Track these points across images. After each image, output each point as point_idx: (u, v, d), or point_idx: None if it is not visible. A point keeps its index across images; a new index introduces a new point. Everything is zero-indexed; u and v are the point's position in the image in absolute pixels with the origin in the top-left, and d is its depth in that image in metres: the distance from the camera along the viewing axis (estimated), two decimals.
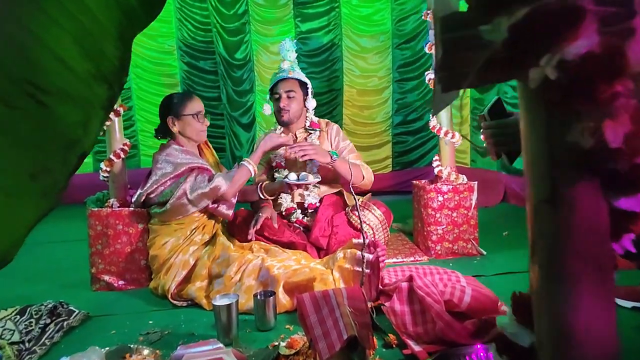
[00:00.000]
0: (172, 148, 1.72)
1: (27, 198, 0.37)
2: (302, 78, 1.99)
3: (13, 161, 0.36)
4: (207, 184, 1.63)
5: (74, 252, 2.38)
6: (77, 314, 1.47)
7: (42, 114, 0.37)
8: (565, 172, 0.28)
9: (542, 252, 0.30)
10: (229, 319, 1.25)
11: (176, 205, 1.62)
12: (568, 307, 0.26)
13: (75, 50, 0.37)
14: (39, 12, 0.34)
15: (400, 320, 1.20)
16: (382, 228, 1.90)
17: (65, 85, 0.37)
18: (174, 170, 1.63)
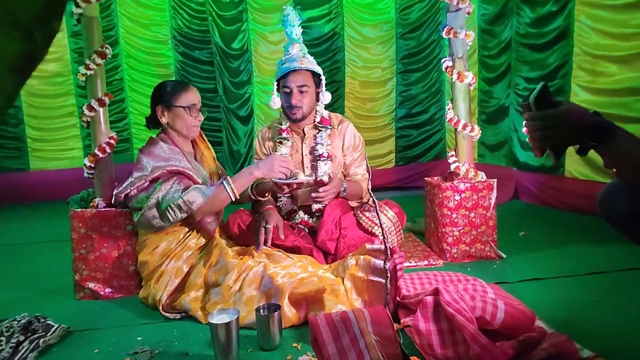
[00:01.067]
0: (158, 146, 1.52)
1: None
2: (315, 68, 1.75)
3: None
4: (180, 195, 1.39)
5: (60, 254, 2.20)
6: (56, 329, 1.30)
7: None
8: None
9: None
10: (228, 339, 1.09)
11: (147, 218, 1.42)
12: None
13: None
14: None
15: (426, 341, 1.05)
16: (396, 230, 1.74)
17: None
18: (151, 173, 1.43)
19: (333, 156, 1.81)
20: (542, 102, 0.88)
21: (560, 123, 0.87)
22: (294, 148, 1.84)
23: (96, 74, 1.64)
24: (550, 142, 0.89)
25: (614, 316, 1.29)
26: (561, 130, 0.87)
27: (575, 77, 2.64)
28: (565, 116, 0.87)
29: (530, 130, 0.90)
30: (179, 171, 1.46)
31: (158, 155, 1.47)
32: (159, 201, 1.40)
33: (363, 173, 1.87)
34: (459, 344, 1.01)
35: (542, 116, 0.88)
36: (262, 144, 1.89)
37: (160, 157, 1.47)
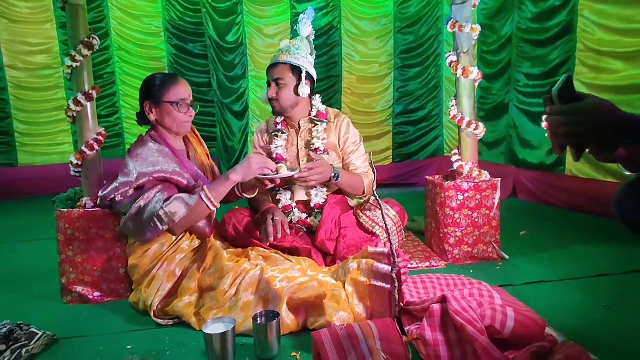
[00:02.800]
0: (146, 147, 1.42)
1: None
2: (293, 61, 1.70)
3: None
4: (162, 206, 1.31)
5: (47, 254, 2.12)
6: (40, 337, 1.22)
7: None
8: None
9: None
10: (224, 350, 1.02)
11: (128, 228, 1.36)
12: None
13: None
14: None
15: (433, 352, 0.99)
16: (398, 231, 1.68)
17: None
18: (136, 180, 1.35)
19: (329, 150, 1.76)
20: (566, 96, 0.80)
21: (587, 118, 0.80)
22: (289, 141, 1.79)
23: (83, 66, 1.55)
24: (575, 139, 0.82)
25: (624, 322, 1.25)
26: (588, 126, 0.80)
27: (578, 74, 2.59)
28: (593, 111, 0.80)
29: (552, 125, 0.83)
30: (165, 178, 1.38)
31: (145, 159, 1.38)
32: (139, 211, 1.33)
33: (363, 166, 1.79)
34: (468, 356, 0.96)
35: (567, 110, 0.80)
36: (260, 137, 1.86)
37: (147, 162, 1.38)
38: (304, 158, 1.77)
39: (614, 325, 1.23)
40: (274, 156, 1.77)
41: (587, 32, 2.51)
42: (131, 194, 1.36)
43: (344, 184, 1.68)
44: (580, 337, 1.12)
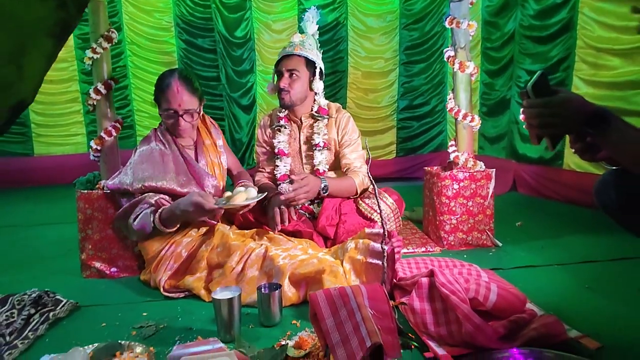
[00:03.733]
0: (149, 148, 1.53)
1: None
2: (309, 55, 1.75)
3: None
4: (133, 222, 1.44)
5: (65, 236, 2.26)
6: (65, 303, 1.35)
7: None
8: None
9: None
10: (231, 314, 1.13)
11: (115, 226, 1.53)
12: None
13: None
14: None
15: (420, 319, 1.09)
16: (395, 217, 1.77)
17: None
18: (131, 185, 1.49)
19: (329, 146, 1.83)
20: (541, 90, 0.90)
21: (559, 110, 0.89)
22: (291, 136, 1.86)
23: (102, 57, 1.66)
24: (549, 130, 0.91)
25: (603, 301, 1.33)
26: (560, 118, 0.89)
27: (577, 70, 2.65)
28: (564, 104, 0.89)
29: (528, 117, 0.92)
30: (156, 188, 1.48)
31: (146, 163, 1.50)
32: (125, 214, 1.47)
33: (356, 162, 1.82)
34: (451, 322, 1.05)
35: (540, 103, 0.89)
36: (263, 131, 1.92)
37: (146, 169, 1.49)
38: (305, 153, 1.85)
39: (592, 303, 1.32)
40: (277, 150, 1.83)
41: (586, 29, 2.57)
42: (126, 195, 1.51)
43: (334, 193, 1.72)
44: (560, 312, 1.21)
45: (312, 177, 1.66)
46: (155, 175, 1.49)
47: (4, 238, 2.35)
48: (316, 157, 1.81)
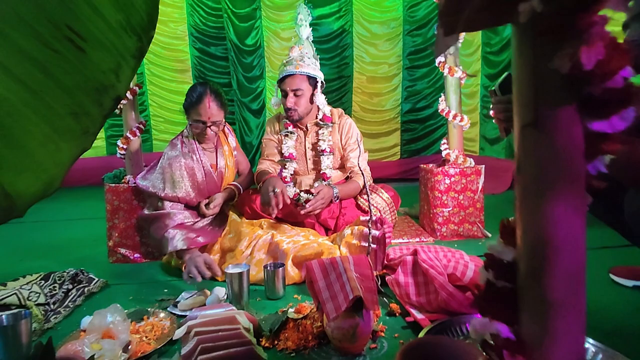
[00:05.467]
0: (178, 155, 1.69)
1: (70, 134, 0.41)
2: (310, 72, 1.85)
3: (58, 100, 0.41)
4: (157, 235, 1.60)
5: (91, 229, 2.47)
6: (97, 281, 1.54)
7: (80, 59, 0.41)
8: (547, 98, 0.31)
9: (526, 171, 0.34)
10: (241, 287, 1.31)
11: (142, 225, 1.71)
12: (546, 218, 0.30)
13: (108, 1, 0.42)
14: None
15: (404, 291, 1.25)
16: (390, 210, 1.94)
17: (99, 33, 0.42)
18: (162, 191, 1.66)
19: (333, 150, 1.99)
20: (507, 88, 1.05)
21: None
22: (298, 141, 2.02)
23: None
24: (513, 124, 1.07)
25: None
26: None
27: None
28: None
29: (496, 113, 1.08)
30: (177, 197, 1.67)
31: (171, 172, 1.66)
32: (150, 221, 1.65)
33: (360, 164, 1.98)
34: (430, 293, 1.21)
35: (506, 100, 1.05)
36: (271, 132, 2.06)
37: (171, 178, 1.66)
38: (311, 158, 2.02)
39: None
40: (286, 155, 1.99)
41: None
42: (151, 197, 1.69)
43: (344, 197, 1.90)
44: None
45: (326, 189, 1.81)
46: (181, 184, 1.68)
47: (39, 231, 2.58)
48: (323, 162, 1.97)
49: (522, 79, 0.33)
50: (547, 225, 0.31)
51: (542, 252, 0.32)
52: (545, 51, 0.29)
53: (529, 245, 0.33)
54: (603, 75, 0.28)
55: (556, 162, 0.31)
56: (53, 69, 0.39)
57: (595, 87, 0.29)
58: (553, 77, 0.30)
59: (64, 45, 0.39)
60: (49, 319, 1.27)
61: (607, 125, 0.30)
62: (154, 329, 1.16)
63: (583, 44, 0.27)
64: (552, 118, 0.31)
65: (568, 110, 0.30)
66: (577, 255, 0.32)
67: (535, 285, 0.32)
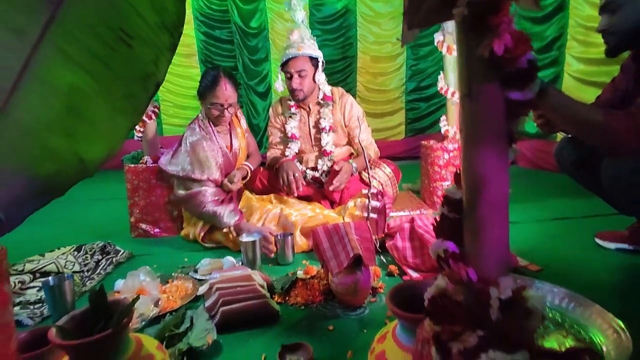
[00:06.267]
0: (200, 138, 1.80)
1: (125, 112, 0.53)
2: (312, 53, 1.94)
3: (115, 86, 0.53)
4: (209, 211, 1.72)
5: (112, 208, 2.64)
6: (123, 252, 1.70)
7: (129, 54, 0.53)
8: (476, 76, 0.42)
9: (465, 130, 0.45)
10: (254, 253, 1.45)
11: (176, 202, 1.84)
12: (478, 164, 0.40)
13: (148, 5, 0.53)
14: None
15: (402, 254, 1.38)
16: (391, 184, 2.05)
17: (142, 32, 0.53)
18: (191, 172, 1.77)
19: (335, 128, 2.09)
20: None
21: None
22: (301, 121, 2.12)
23: None
24: None
25: (562, 244, 1.59)
26: None
27: (569, 48, 2.81)
28: None
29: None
30: (207, 178, 1.78)
31: (197, 155, 1.77)
32: (189, 199, 1.79)
33: (367, 139, 2.12)
34: (425, 255, 1.34)
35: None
36: (274, 117, 2.17)
37: (198, 161, 1.77)
38: (314, 135, 2.12)
39: (553, 245, 1.58)
40: (289, 135, 2.10)
41: (577, 9, 2.72)
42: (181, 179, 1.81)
43: (360, 170, 2.03)
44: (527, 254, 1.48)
45: (346, 165, 1.95)
46: (209, 164, 1.79)
47: (66, 209, 2.75)
48: (323, 139, 2.08)
49: (460, 62, 0.43)
50: (479, 169, 0.43)
51: (475, 188, 0.44)
52: (473, 42, 0.40)
53: (468, 184, 0.45)
54: (511, 58, 0.39)
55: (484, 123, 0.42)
56: (111, 62, 0.51)
57: (508, 67, 0.39)
58: (479, 61, 0.40)
59: (118, 44, 0.51)
60: (85, 284, 1.44)
61: (520, 94, 0.41)
62: (179, 289, 1.32)
63: (495, 37, 0.38)
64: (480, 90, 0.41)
65: (492, 85, 0.41)
66: (500, 189, 0.44)
67: (472, 212, 0.44)
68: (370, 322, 1.08)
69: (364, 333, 1.03)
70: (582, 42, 2.70)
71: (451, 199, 0.50)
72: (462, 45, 0.42)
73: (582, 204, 2.11)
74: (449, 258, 0.47)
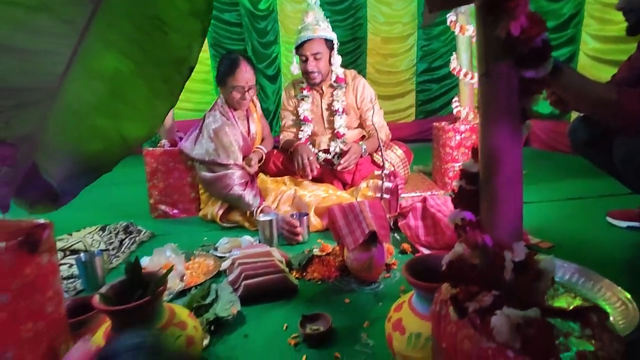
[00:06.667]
0: (222, 124, 1.83)
1: (162, 95, 0.57)
2: (327, 35, 1.95)
3: (153, 70, 0.57)
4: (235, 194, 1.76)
5: (131, 191, 2.71)
6: (145, 232, 1.78)
7: (165, 40, 0.56)
8: (493, 56, 0.45)
9: (482, 108, 0.48)
10: (271, 232, 1.51)
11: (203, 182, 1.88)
12: (494, 139, 0.44)
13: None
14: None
15: (414, 233, 1.42)
16: (403, 165, 2.08)
17: (175, 20, 0.56)
18: (214, 157, 1.80)
19: (347, 111, 2.11)
20: None
21: None
22: (314, 103, 2.14)
23: None
24: None
25: (574, 223, 1.61)
26: None
27: (586, 26, 2.75)
28: None
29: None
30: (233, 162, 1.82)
31: (221, 141, 1.81)
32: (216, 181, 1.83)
33: (379, 121, 2.14)
34: (437, 233, 1.38)
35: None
36: (287, 100, 2.20)
37: (223, 146, 1.81)
38: (327, 118, 2.14)
39: (566, 224, 1.60)
40: (302, 117, 2.12)
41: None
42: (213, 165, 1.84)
43: (370, 152, 2.05)
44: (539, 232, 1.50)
45: (355, 146, 1.97)
46: (233, 149, 1.84)
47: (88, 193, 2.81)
48: (336, 122, 2.10)
49: (479, 43, 0.46)
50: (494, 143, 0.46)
51: (491, 162, 0.47)
52: (490, 24, 0.42)
53: (484, 157, 0.48)
54: (527, 39, 0.41)
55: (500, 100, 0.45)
56: (149, 47, 0.55)
57: (523, 47, 0.42)
58: (496, 42, 0.43)
59: (154, 31, 0.54)
60: (111, 262, 1.51)
61: (534, 73, 0.44)
62: (201, 266, 1.38)
63: (512, 18, 0.40)
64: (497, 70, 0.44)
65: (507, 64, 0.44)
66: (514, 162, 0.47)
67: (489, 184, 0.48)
68: (384, 295, 1.13)
69: (379, 305, 1.08)
70: (599, 20, 2.64)
71: (468, 172, 0.54)
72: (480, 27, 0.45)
73: (595, 185, 2.12)
74: (466, 226, 0.50)
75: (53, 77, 0.50)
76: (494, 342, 0.41)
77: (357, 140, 2.21)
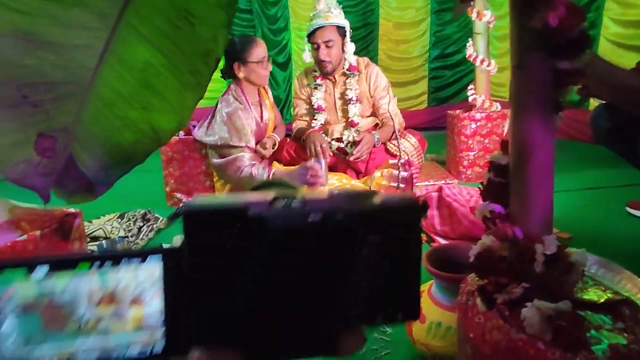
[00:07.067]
0: (235, 108, 1.82)
1: (190, 86, 0.58)
2: (339, 22, 1.91)
3: (181, 62, 0.57)
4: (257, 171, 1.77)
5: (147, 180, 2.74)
6: (162, 219, 1.81)
7: (192, 32, 0.56)
8: (528, 47, 0.44)
9: (516, 98, 0.48)
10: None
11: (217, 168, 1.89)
12: (526, 130, 0.43)
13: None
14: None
15: (430, 222, 1.43)
16: (417, 154, 2.06)
17: (202, 12, 0.56)
18: (229, 140, 1.79)
19: (361, 99, 2.08)
20: None
21: None
22: (327, 92, 2.12)
23: None
24: None
25: (593, 213, 1.60)
26: None
27: (607, 10, 2.67)
28: None
29: None
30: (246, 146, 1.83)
31: (234, 124, 1.80)
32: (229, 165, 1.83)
33: (392, 109, 2.12)
34: (454, 222, 1.38)
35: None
36: (300, 89, 2.18)
37: (235, 129, 1.80)
38: (341, 106, 2.13)
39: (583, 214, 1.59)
40: (315, 106, 2.10)
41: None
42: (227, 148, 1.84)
43: (383, 141, 2.02)
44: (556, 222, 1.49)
45: (368, 136, 1.95)
46: (246, 131, 1.84)
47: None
48: (350, 110, 2.09)
49: (513, 34, 0.45)
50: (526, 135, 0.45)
51: (522, 154, 0.47)
52: (527, 15, 0.41)
53: (515, 150, 0.48)
54: (564, 30, 0.40)
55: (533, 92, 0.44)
56: (177, 40, 0.55)
57: (560, 38, 0.41)
58: (532, 33, 0.42)
59: (183, 23, 0.54)
60: (130, 248, 1.55)
61: (569, 64, 0.43)
62: None
63: (550, 9, 0.39)
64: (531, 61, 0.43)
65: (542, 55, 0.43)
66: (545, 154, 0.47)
67: (520, 176, 0.47)
68: None
69: None
70: (622, 4, 2.55)
71: (497, 164, 0.53)
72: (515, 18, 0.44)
73: (614, 174, 2.08)
74: (496, 218, 0.51)
75: (86, 70, 0.51)
76: (524, 333, 0.41)
77: (370, 129, 2.19)
